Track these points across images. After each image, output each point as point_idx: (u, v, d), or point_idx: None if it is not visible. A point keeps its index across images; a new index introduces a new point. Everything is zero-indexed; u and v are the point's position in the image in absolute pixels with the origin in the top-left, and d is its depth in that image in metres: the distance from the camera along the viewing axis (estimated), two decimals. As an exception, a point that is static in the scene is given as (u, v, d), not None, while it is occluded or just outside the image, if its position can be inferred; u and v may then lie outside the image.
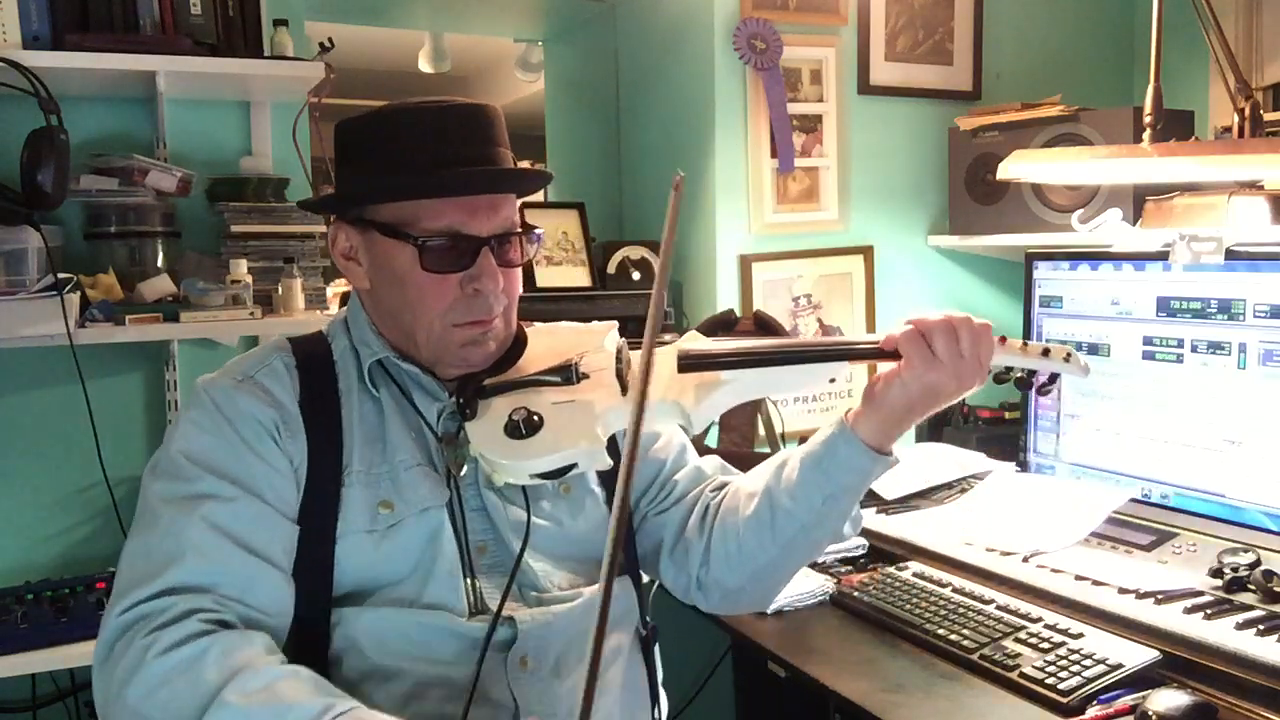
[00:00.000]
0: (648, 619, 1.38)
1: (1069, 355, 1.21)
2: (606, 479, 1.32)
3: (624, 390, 1.19)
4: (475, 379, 1.23)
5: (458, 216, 1.17)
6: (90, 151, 2.07)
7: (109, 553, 2.13)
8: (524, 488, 1.24)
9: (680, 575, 1.36)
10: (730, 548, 1.30)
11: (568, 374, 1.22)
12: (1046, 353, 1.21)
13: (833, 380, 1.23)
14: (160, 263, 2.09)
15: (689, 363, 1.19)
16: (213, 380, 1.22)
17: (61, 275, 1.86)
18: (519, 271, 1.26)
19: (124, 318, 1.93)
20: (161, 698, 1.01)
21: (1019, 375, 1.24)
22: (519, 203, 1.27)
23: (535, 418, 1.16)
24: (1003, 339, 1.20)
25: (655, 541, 1.38)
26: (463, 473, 1.22)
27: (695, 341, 1.24)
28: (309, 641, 1.16)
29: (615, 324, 1.34)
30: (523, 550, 1.21)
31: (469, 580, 1.20)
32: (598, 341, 1.29)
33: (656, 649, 1.39)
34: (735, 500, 1.33)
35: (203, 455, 1.15)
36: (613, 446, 1.20)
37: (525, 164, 1.32)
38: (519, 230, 1.24)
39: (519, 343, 1.30)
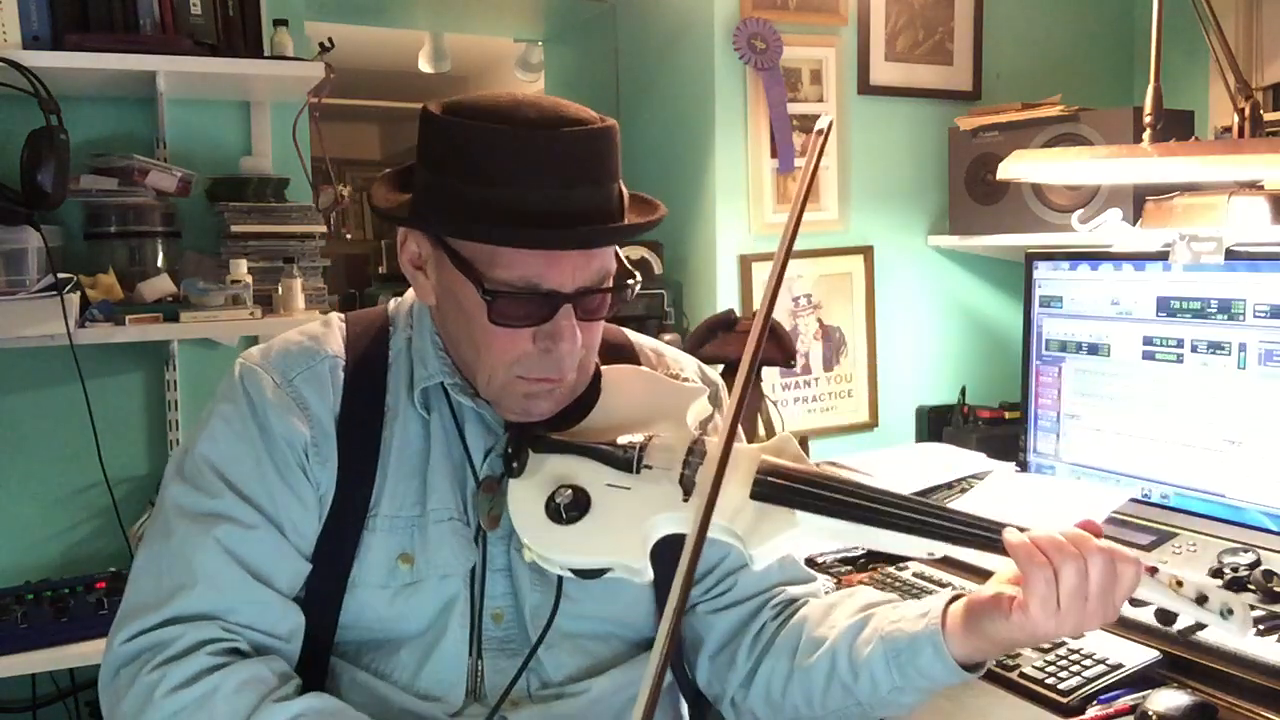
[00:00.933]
0: (693, 686, 1.25)
1: (1228, 610, 0.97)
2: (655, 559, 1.09)
3: (685, 496, 1.04)
4: (532, 428, 1.09)
5: (536, 269, 1.00)
6: (90, 151, 2.07)
7: (109, 553, 2.13)
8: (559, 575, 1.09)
9: (715, 683, 1.22)
10: (774, 689, 1.17)
11: (630, 458, 1.06)
12: (1202, 600, 0.98)
13: (931, 554, 1.05)
14: (160, 263, 2.09)
15: (766, 492, 1.04)
16: (254, 370, 1.10)
17: (61, 275, 1.86)
18: (602, 323, 1.11)
19: (124, 318, 1.93)
20: None
21: (1159, 609, 1.03)
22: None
23: (581, 503, 1.03)
24: (1152, 570, 0.99)
25: (696, 637, 1.23)
26: (498, 527, 1.10)
27: (783, 454, 1.08)
28: (307, 683, 1.08)
29: (704, 390, 1.18)
30: (538, 643, 1.10)
31: (473, 659, 1.10)
32: (679, 413, 1.12)
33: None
34: (797, 638, 1.16)
35: (227, 467, 1.06)
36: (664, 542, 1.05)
37: (637, 216, 1.09)
38: (612, 286, 1.06)
39: (593, 386, 1.14)
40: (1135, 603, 1.02)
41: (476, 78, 5.75)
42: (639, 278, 1.09)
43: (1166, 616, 1.03)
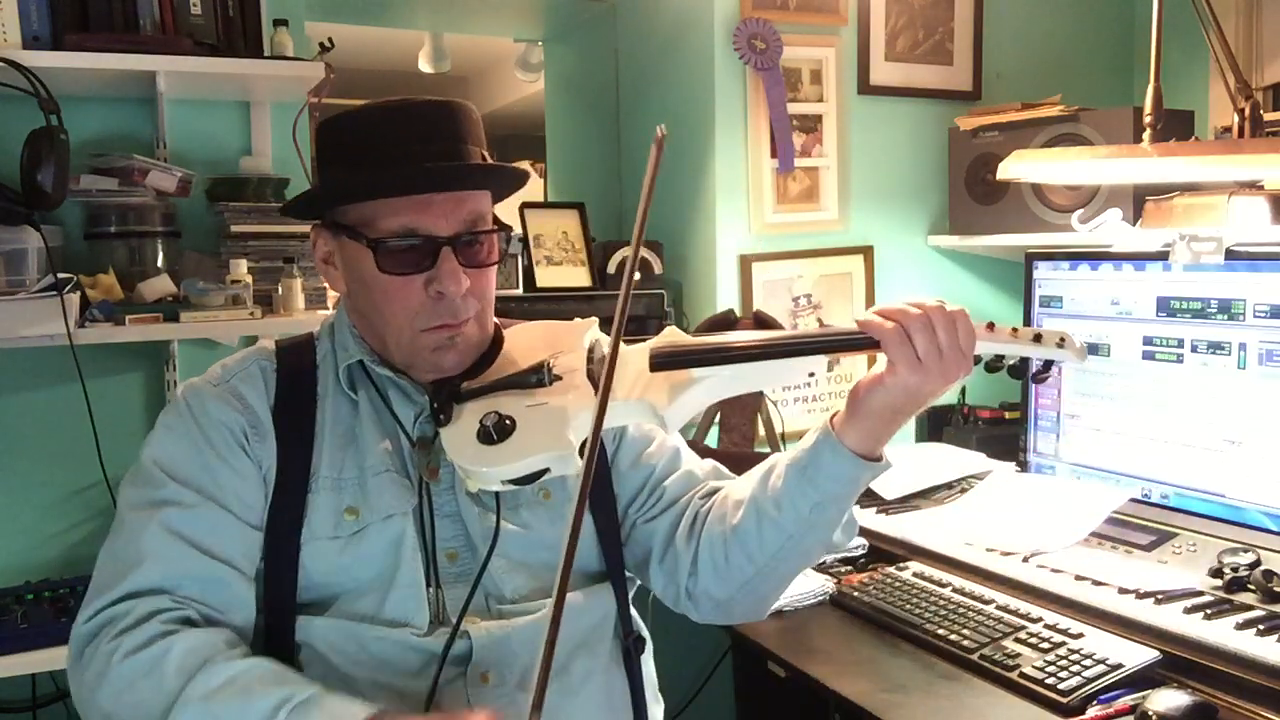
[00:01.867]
0: (634, 628, 1.33)
1: (1063, 339, 1.12)
2: (591, 487, 1.26)
3: (597, 390, 1.14)
4: (450, 383, 1.20)
5: (413, 216, 1.14)
6: (90, 151, 2.06)
7: (109, 553, 2.13)
8: (497, 493, 1.20)
9: (669, 585, 1.31)
10: (717, 558, 1.25)
11: (540, 376, 1.18)
12: (1039, 338, 1.13)
13: (812, 374, 1.17)
14: (160, 263, 2.09)
15: (661, 360, 1.15)
16: (192, 385, 1.24)
17: (61, 275, 1.86)
18: (491, 272, 1.22)
19: (124, 318, 1.93)
20: (128, 700, 1.04)
21: (1012, 363, 1.16)
22: (515, 207, 1.25)
23: (507, 422, 1.13)
24: (990, 325, 1.13)
25: (645, 550, 1.33)
26: (438, 478, 1.21)
27: (671, 338, 1.20)
28: (275, 647, 1.17)
29: (595, 320, 1.31)
30: (487, 559, 1.19)
31: (433, 589, 1.18)
32: (576, 340, 1.25)
33: (645, 659, 1.34)
34: (723, 508, 1.28)
35: (170, 462, 1.17)
36: (600, 450, 1.16)
37: (521, 168, 1.26)
38: (486, 230, 1.19)
39: (496, 343, 1.26)
40: (991, 367, 1.16)
41: (476, 78, 5.75)
42: (510, 227, 1.24)
43: (1019, 369, 1.15)
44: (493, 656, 1.16)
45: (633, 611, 1.34)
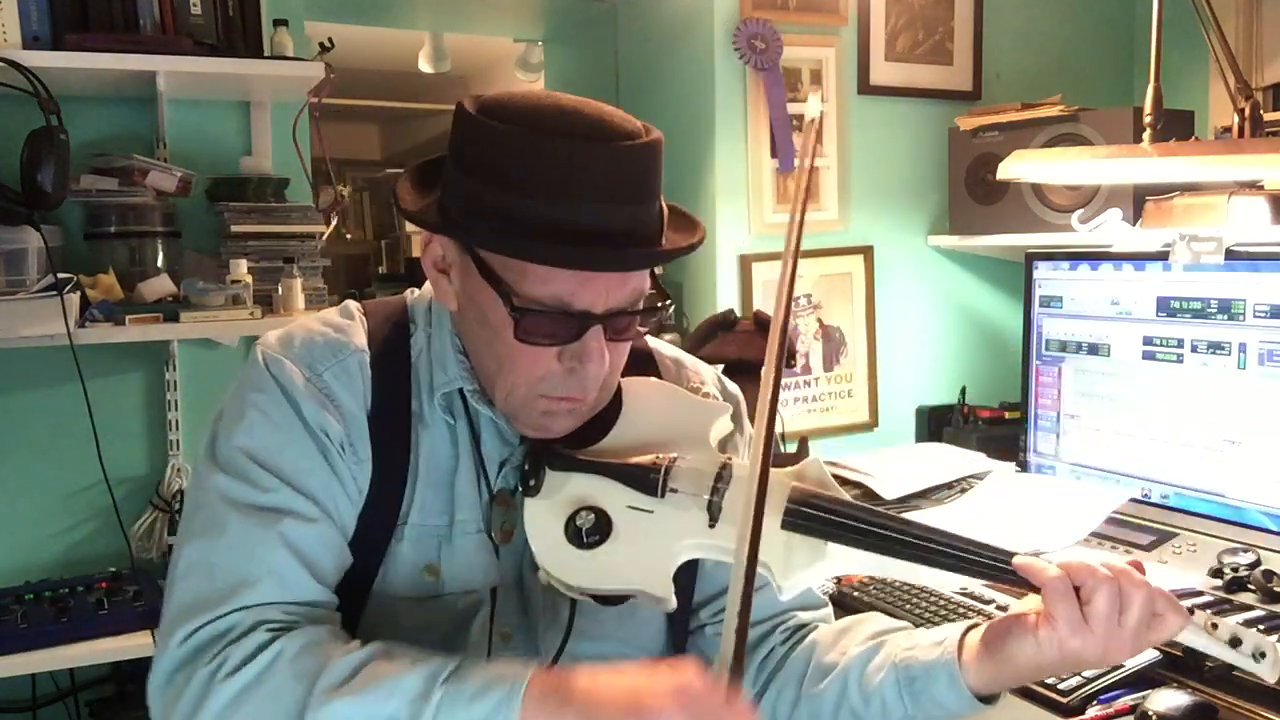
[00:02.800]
0: None
1: (1262, 654, 0.95)
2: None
3: (712, 522, 1.00)
4: (551, 444, 1.05)
5: (569, 288, 0.95)
6: (90, 151, 2.07)
7: (109, 553, 2.13)
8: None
9: None
10: (780, 714, 1.13)
11: (655, 483, 1.01)
12: (1236, 643, 0.96)
13: (964, 589, 1.06)
14: (160, 263, 2.09)
15: (797, 523, 1.01)
16: (280, 360, 1.03)
17: (61, 275, 1.86)
18: (629, 344, 1.06)
19: (124, 318, 1.93)
20: (249, 714, 0.89)
21: (1190, 649, 1.01)
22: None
23: (603, 527, 0.99)
24: (1191, 610, 0.96)
25: (705, 659, 1.16)
26: (511, 541, 1.06)
27: (812, 480, 1.05)
28: None
29: (729, 409, 1.13)
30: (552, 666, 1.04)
31: None
32: (702, 433, 1.08)
33: None
34: (805, 664, 1.14)
35: (274, 459, 0.99)
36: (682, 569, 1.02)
37: (676, 240, 1.06)
38: (645, 308, 1.02)
39: (614, 402, 1.09)
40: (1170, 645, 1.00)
41: (476, 78, 5.75)
42: (671, 301, 1.05)
43: (1197, 657, 1.01)
44: None
45: None
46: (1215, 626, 0.97)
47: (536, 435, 1.05)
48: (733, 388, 1.27)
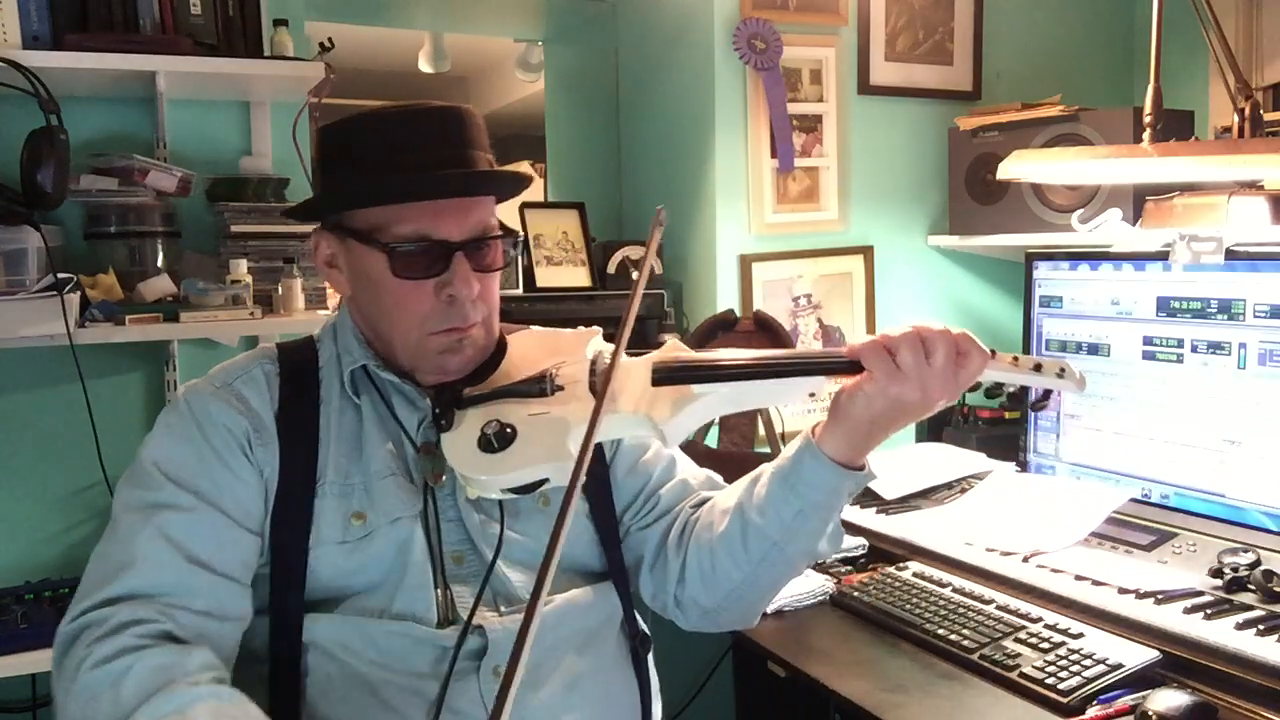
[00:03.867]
0: (639, 628, 1.35)
1: (1062, 370, 1.13)
2: (591, 491, 1.31)
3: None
4: (453, 388, 1.21)
5: (426, 221, 1.16)
6: (90, 151, 2.06)
7: (109, 553, 2.13)
8: (499, 500, 1.22)
9: (659, 592, 1.34)
10: (704, 565, 1.27)
11: (543, 385, 1.20)
12: (1038, 368, 1.14)
13: (813, 395, 1.19)
14: (160, 263, 2.09)
15: (662, 375, 1.17)
16: (194, 386, 1.24)
17: (61, 275, 1.86)
18: (497, 277, 1.24)
19: (124, 318, 1.93)
20: (88, 713, 1.01)
21: (1011, 390, 1.17)
22: (514, 206, 1.26)
23: (508, 431, 1.14)
24: (992, 352, 1.13)
25: (637, 557, 1.35)
26: (441, 483, 1.22)
27: (674, 352, 1.21)
28: (282, 647, 1.17)
29: (598, 331, 1.33)
30: (494, 560, 1.20)
31: (440, 590, 1.19)
32: (579, 350, 1.26)
33: (650, 659, 1.36)
34: (710, 516, 1.30)
35: (169, 463, 1.16)
36: (600, 455, 1.19)
37: (521, 169, 1.29)
38: (495, 235, 1.21)
39: (500, 349, 1.28)
40: (991, 393, 1.17)
41: (476, 78, 5.75)
42: (518, 234, 1.24)
43: (1018, 396, 1.16)
44: (504, 653, 1.16)
45: (635, 612, 1.35)
46: (1017, 360, 1.13)
47: (437, 378, 1.22)
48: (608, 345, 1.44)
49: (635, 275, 1.29)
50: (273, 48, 2.11)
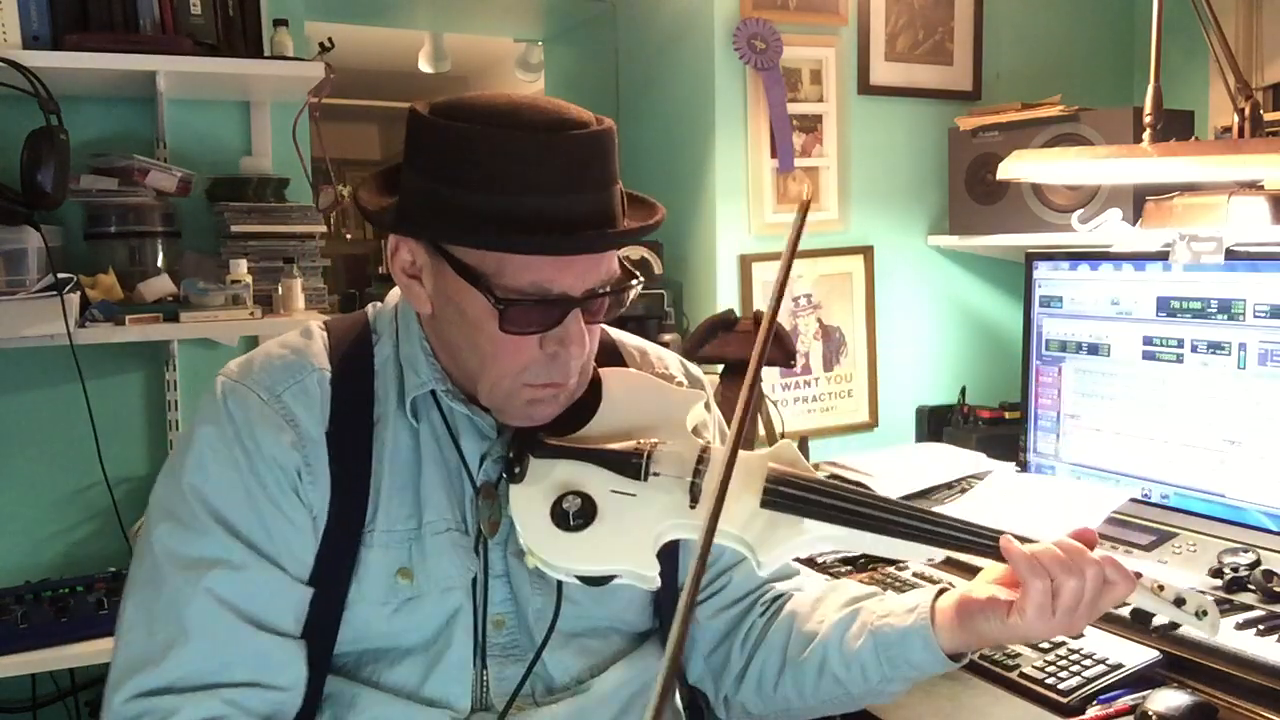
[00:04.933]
0: (688, 683, 1.27)
1: (1205, 612, 1.05)
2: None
3: (693, 503, 1.04)
4: (532, 432, 1.07)
5: (546, 274, 0.98)
6: (90, 151, 2.07)
7: (109, 553, 2.13)
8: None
9: (707, 683, 1.25)
10: (766, 682, 1.19)
11: (637, 466, 1.05)
12: (1180, 603, 1.05)
13: (932, 560, 1.10)
14: (160, 263, 2.09)
15: (775, 501, 1.05)
16: (236, 387, 1.07)
17: (61, 275, 1.86)
18: (600, 325, 1.10)
19: (124, 318, 1.93)
20: None
21: (1137, 609, 1.09)
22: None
23: (588, 510, 1.02)
24: (1136, 574, 1.04)
25: (691, 638, 1.24)
26: (495, 533, 1.09)
27: (789, 462, 1.09)
28: (303, 709, 1.06)
29: (704, 395, 1.19)
30: (543, 646, 1.09)
31: (477, 668, 1.09)
32: (680, 419, 1.11)
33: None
34: (787, 633, 1.20)
35: (217, 498, 1.02)
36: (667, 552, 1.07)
37: (639, 221, 1.07)
38: (620, 288, 1.05)
39: (593, 389, 1.12)
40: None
41: (476, 78, 5.75)
42: (641, 279, 1.07)
43: (1142, 616, 1.09)
44: None
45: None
46: (1162, 588, 1.05)
47: (522, 424, 1.08)
48: (696, 371, 1.33)
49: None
50: (273, 48, 2.11)
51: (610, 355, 1.23)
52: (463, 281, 0.99)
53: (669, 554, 1.12)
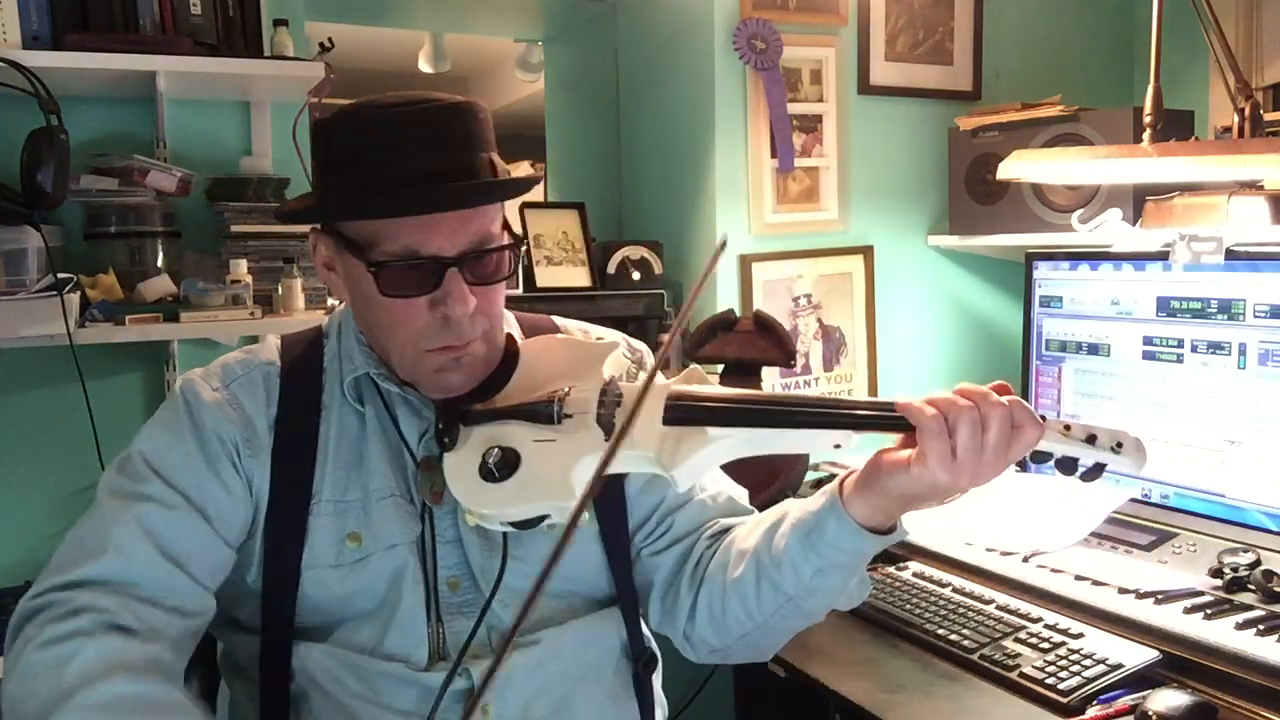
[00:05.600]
0: (646, 647, 1.30)
1: (1119, 444, 1.01)
2: (603, 509, 1.24)
3: (606, 436, 1.09)
4: (458, 403, 1.15)
5: (417, 236, 1.06)
6: (90, 151, 2.06)
7: (109, 553, 2.13)
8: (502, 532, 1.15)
9: (667, 624, 1.28)
10: (715, 609, 1.21)
11: (550, 411, 1.11)
12: (1092, 439, 1.01)
13: (838, 446, 1.06)
14: (160, 263, 2.09)
15: (675, 415, 1.08)
16: (193, 380, 1.20)
17: (61, 275, 1.86)
18: (500, 288, 1.15)
19: (124, 318, 1.93)
20: (27, 689, 0.98)
21: (1058, 458, 1.04)
22: (515, 206, 1.19)
23: (511, 459, 1.08)
24: (1042, 418, 1.01)
25: (647, 581, 1.28)
26: (441, 502, 1.16)
27: (692, 383, 1.12)
28: (272, 668, 1.14)
29: (617, 344, 1.24)
30: (491, 598, 1.15)
31: (432, 625, 1.15)
32: (594, 368, 1.16)
33: (656, 680, 1.31)
34: (726, 556, 1.22)
35: (159, 459, 1.13)
36: (611, 479, 1.12)
37: (521, 168, 1.19)
38: (495, 247, 1.11)
39: (511, 358, 1.20)
40: (1036, 455, 1.03)
41: (476, 78, 5.75)
42: (524, 241, 1.11)
43: (1067, 464, 1.03)
44: (493, 691, 1.13)
45: (643, 627, 1.30)
46: (1068, 429, 1.02)
47: (439, 395, 1.16)
48: (639, 344, 1.37)
49: (670, 313, 1.16)
50: (273, 48, 2.11)
51: (548, 334, 1.31)
52: (353, 259, 1.10)
53: (613, 508, 1.24)
